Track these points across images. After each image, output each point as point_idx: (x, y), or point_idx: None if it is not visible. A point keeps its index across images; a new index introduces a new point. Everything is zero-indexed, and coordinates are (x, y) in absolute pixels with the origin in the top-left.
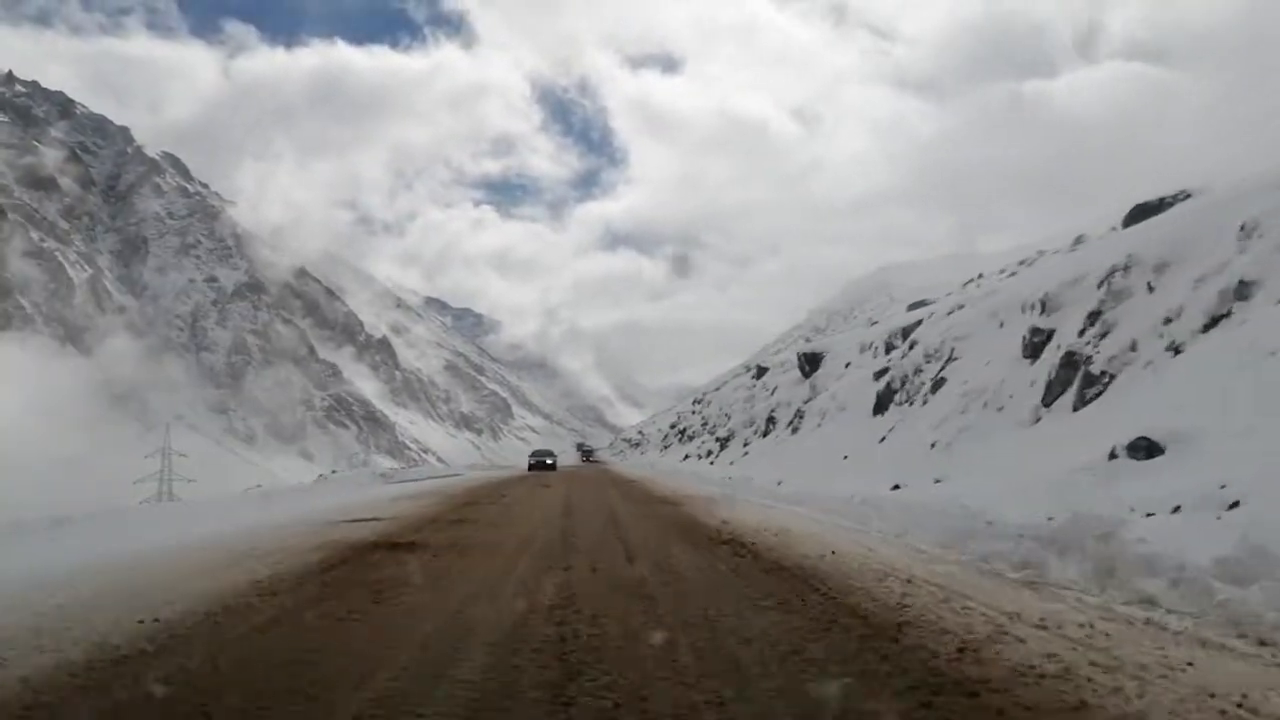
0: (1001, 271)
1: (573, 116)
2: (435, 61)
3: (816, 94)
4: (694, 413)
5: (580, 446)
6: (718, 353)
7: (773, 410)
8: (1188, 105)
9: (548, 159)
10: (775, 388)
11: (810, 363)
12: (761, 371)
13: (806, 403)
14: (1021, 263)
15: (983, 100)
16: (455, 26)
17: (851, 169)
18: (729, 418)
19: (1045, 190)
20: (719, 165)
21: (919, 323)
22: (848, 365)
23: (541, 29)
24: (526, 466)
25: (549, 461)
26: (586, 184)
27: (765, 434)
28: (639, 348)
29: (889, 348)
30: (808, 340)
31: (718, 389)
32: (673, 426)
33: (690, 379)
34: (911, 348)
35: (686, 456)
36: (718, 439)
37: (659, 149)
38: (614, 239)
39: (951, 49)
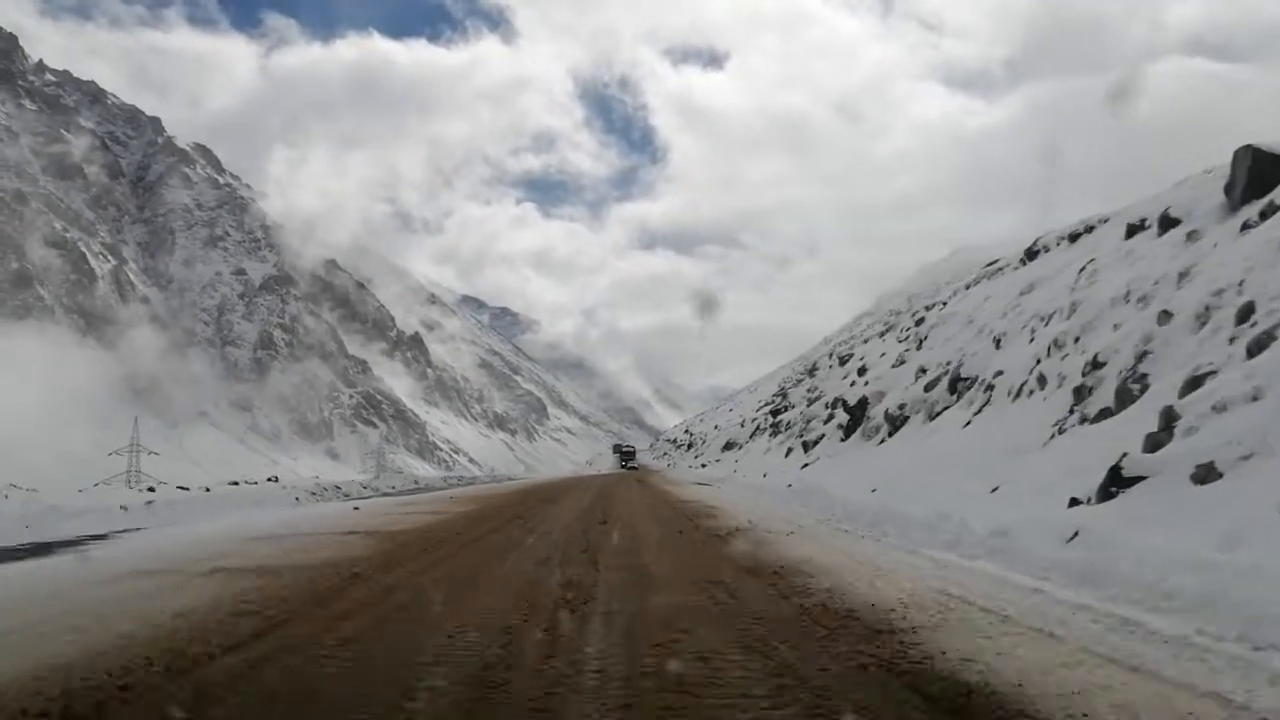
0: None
1: (613, 113)
2: (475, 55)
3: (862, 89)
4: (847, 375)
5: (618, 448)
6: (758, 355)
7: None
8: (1254, 101)
9: (588, 156)
10: None
11: None
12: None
13: None
14: None
15: (1035, 96)
16: (495, 20)
17: (897, 166)
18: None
19: (1102, 190)
20: (760, 163)
21: None
22: None
23: (582, 23)
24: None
25: None
26: (626, 183)
27: None
28: (678, 349)
29: None
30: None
31: (915, 324)
32: (776, 411)
33: (729, 381)
34: None
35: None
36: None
37: (700, 146)
38: (653, 239)
39: (1003, 43)
